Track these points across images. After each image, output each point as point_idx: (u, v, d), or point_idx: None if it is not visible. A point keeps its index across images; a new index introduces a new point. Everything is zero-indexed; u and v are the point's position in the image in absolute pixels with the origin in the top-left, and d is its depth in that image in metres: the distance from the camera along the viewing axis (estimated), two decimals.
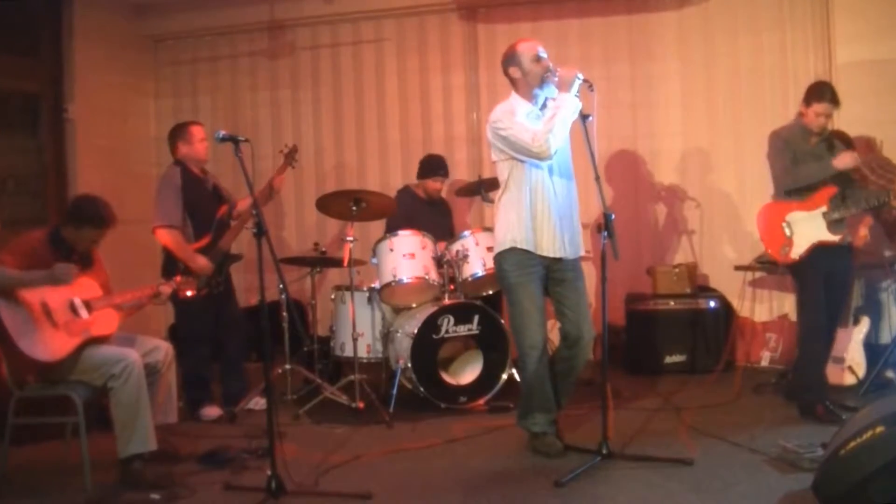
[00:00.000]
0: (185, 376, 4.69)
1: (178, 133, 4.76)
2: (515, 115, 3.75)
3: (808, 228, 4.24)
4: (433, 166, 5.44)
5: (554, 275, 3.86)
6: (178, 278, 4.04)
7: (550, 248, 3.79)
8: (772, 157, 4.36)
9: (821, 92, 4.22)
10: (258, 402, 4.78)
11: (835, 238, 4.20)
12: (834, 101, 4.20)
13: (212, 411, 4.69)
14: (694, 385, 5.14)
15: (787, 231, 4.29)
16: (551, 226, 3.78)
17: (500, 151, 3.82)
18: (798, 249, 4.25)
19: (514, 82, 3.85)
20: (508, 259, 3.82)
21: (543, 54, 3.79)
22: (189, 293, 4.03)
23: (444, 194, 5.68)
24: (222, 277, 4.74)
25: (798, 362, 4.43)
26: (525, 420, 3.92)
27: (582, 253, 3.95)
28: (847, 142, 4.98)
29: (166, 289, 3.94)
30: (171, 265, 4.60)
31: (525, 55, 3.79)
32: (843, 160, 4.17)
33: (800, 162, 4.24)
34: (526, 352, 3.78)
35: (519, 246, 3.78)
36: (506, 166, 3.83)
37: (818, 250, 4.22)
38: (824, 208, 4.22)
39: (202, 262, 4.58)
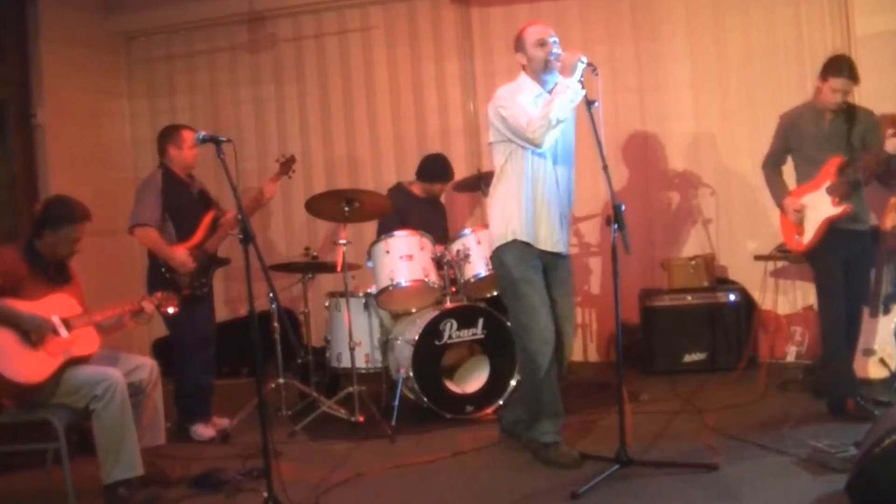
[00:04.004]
0: (182, 387, 4.72)
1: (169, 136, 4.79)
2: (519, 97, 3.79)
3: (816, 209, 4.27)
4: (438, 171, 5.43)
5: (549, 272, 3.91)
6: (160, 294, 4.05)
7: (549, 241, 3.83)
8: (772, 138, 4.52)
9: (839, 66, 4.19)
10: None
11: (839, 210, 4.17)
12: (853, 76, 4.16)
13: (205, 431, 4.69)
14: (715, 384, 5.14)
15: (796, 218, 4.34)
16: (552, 219, 3.82)
17: (497, 132, 3.86)
18: (808, 234, 4.29)
19: (522, 68, 3.92)
20: (509, 253, 3.85)
21: (550, 39, 3.81)
22: (171, 309, 4.06)
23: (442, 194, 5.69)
24: (206, 279, 4.76)
25: (823, 356, 4.44)
26: (532, 431, 3.92)
27: (569, 251, 4.03)
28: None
29: (149, 305, 3.95)
30: (157, 274, 4.61)
31: (529, 40, 3.85)
32: (786, 206, 4.37)
33: (807, 147, 4.31)
34: (538, 350, 3.78)
35: (520, 238, 3.80)
36: (502, 150, 3.86)
37: (833, 235, 4.22)
38: (829, 182, 4.22)
39: (182, 258, 4.60)
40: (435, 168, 5.45)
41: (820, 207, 4.25)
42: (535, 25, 3.90)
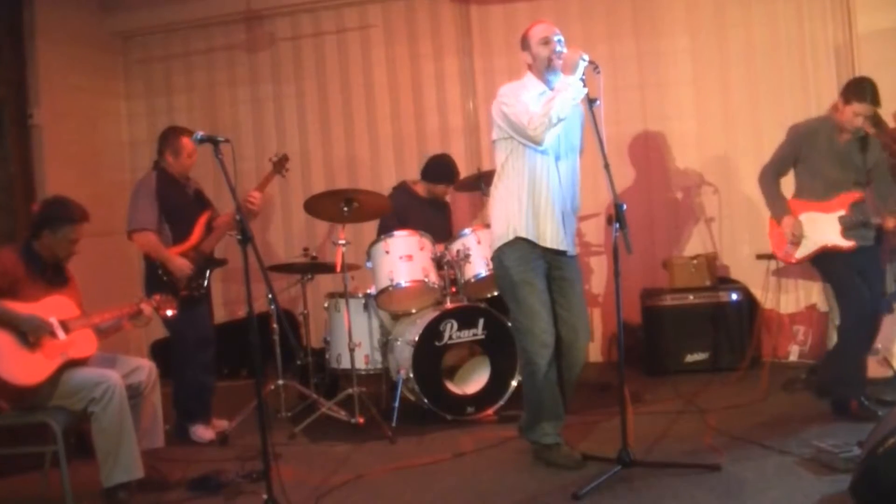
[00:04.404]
0: (182, 387, 4.71)
1: (169, 142, 4.76)
2: (523, 95, 3.80)
3: (820, 230, 4.27)
4: (443, 173, 5.41)
5: (554, 272, 3.90)
6: (158, 297, 4.06)
7: (553, 239, 3.82)
8: (778, 147, 4.46)
9: (863, 92, 4.16)
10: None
11: (846, 244, 4.22)
12: (875, 101, 4.17)
13: (205, 433, 4.69)
14: (718, 384, 5.14)
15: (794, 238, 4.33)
16: (553, 216, 3.81)
17: (499, 129, 3.87)
18: (803, 251, 4.30)
19: (528, 67, 3.93)
20: (510, 254, 3.84)
21: (554, 37, 3.83)
22: (170, 312, 4.07)
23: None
24: (204, 280, 4.76)
25: (834, 354, 4.44)
26: (533, 433, 3.92)
27: (576, 251, 4.00)
28: (877, 121, 4.98)
29: (147, 307, 3.95)
30: (154, 276, 4.62)
31: (533, 38, 3.87)
32: (786, 225, 4.30)
33: (817, 162, 4.29)
34: (537, 352, 3.78)
35: (522, 235, 3.80)
36: (504, 147, 3.86)
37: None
38: (843, 212, 4.23)
39: (180, 263, 4.61)
40: (440, 169, 5.44)
41: (825, 231, 4.26)
42: (540, 24, 3.92)
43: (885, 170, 4.36)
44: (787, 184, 4.52)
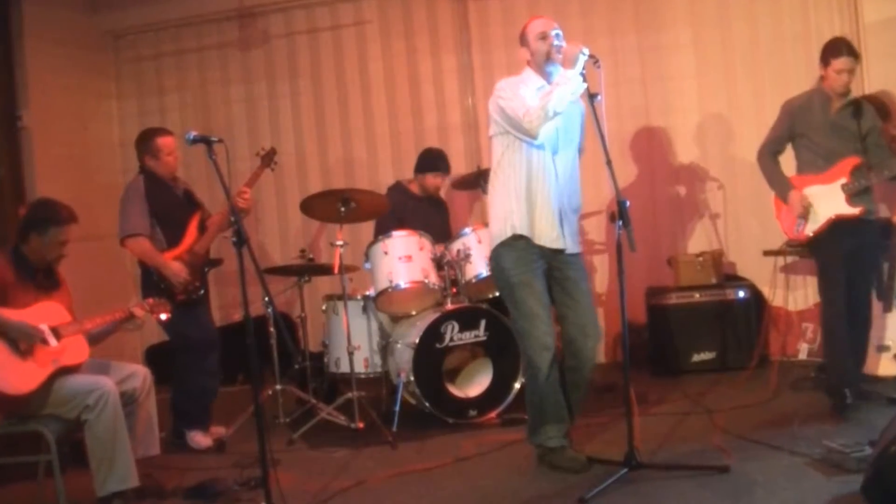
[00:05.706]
0: (183, 391, 4.71)
1: (143, 146, 4.77)
2: (521, 89, 3.81)
3: (826, 202, 4.29)
4: (433, 160, 5.44)
5: (555, 272, 3.88)
6: (151, 300, 4.06)
7: (549, 237, 3.81)
8: (773, 124, 4.53)
9: (837, 47, 4.30)
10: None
11: (854, 210, 4.24)
12: (852, 53, 4.27)
13: (202, 440, 4.69)
14: (725, 384, 5.14)
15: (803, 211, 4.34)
16: (550, 213, 3.80)
17: (496, 124, 3.88)
18: (813, 225, 4.31)
19: (527, 63, 3.94)
20: (507, 256, 3.84)
21: (552, 31, 3.84)
22: (163, 315, 4.06)
23: (442, 192, 5.67)
24: (201, 282, 4.76)
25: (826, 352, 4.44)
26: (537, 436, 3.91)
27: (579, 249, 3.99)
28: (882, 108, 4.98)
29: (139, 311, 3.94)
30: (150, 282, 4.62)
31: (531, 33, 3.88)
32: (793, 200, 4.35)
33: (814, 135, 4.33)
34: (538, 354, 3.78)
35: (519, 232, 3.80)
36: (500, 142, 3.87)
37: (838, 227, 4.24)
38: (844, 180, 4.26)
39: (175, 268, 4.61)
40: (429, 160, 5.45)
41: (831, 202, 4.27)
42: (538, 19, 3.94)
43: (880, 137, 4.39)
44: (789, 164, 4.54)
